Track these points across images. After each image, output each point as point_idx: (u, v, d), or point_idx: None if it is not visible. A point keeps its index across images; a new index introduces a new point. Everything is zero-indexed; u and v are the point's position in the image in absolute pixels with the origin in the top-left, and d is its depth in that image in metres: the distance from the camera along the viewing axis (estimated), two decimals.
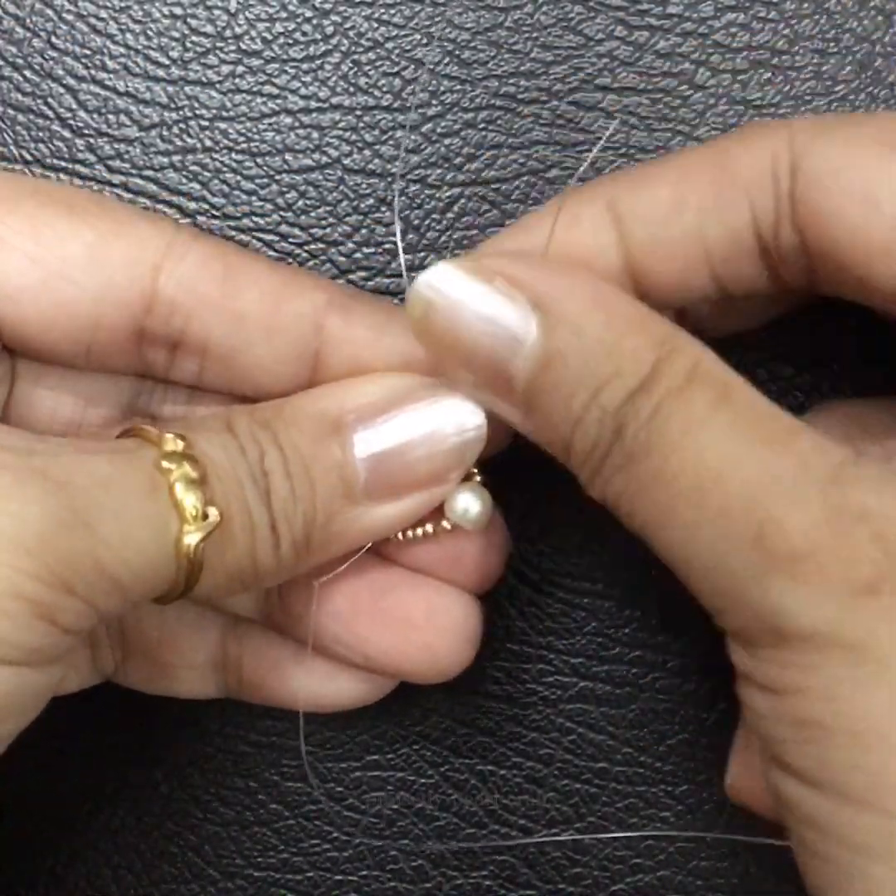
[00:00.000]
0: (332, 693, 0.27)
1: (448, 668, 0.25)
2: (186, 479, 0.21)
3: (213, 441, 0.22)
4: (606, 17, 0.28)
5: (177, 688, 0.28)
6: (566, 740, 0.29)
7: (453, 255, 0.28)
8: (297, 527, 0.23)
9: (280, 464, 0.23)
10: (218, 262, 0.24)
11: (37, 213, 0.24)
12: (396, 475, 0.24)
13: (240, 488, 0.22)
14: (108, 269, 0.24)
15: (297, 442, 0.23)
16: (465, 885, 0.30)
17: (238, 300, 0.24)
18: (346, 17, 0.28)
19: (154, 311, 0.24)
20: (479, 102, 0.28)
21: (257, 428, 0.23)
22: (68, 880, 0.30)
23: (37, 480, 0.20)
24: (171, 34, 0.28)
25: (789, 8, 0.28)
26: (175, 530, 0.21)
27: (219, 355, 0.25)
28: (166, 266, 0.24)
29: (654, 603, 0.29)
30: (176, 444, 0.22)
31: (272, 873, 0.30)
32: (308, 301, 0.24)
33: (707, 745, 0.29)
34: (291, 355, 0.24)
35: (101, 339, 0.24)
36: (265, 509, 0.23)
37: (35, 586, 0.19)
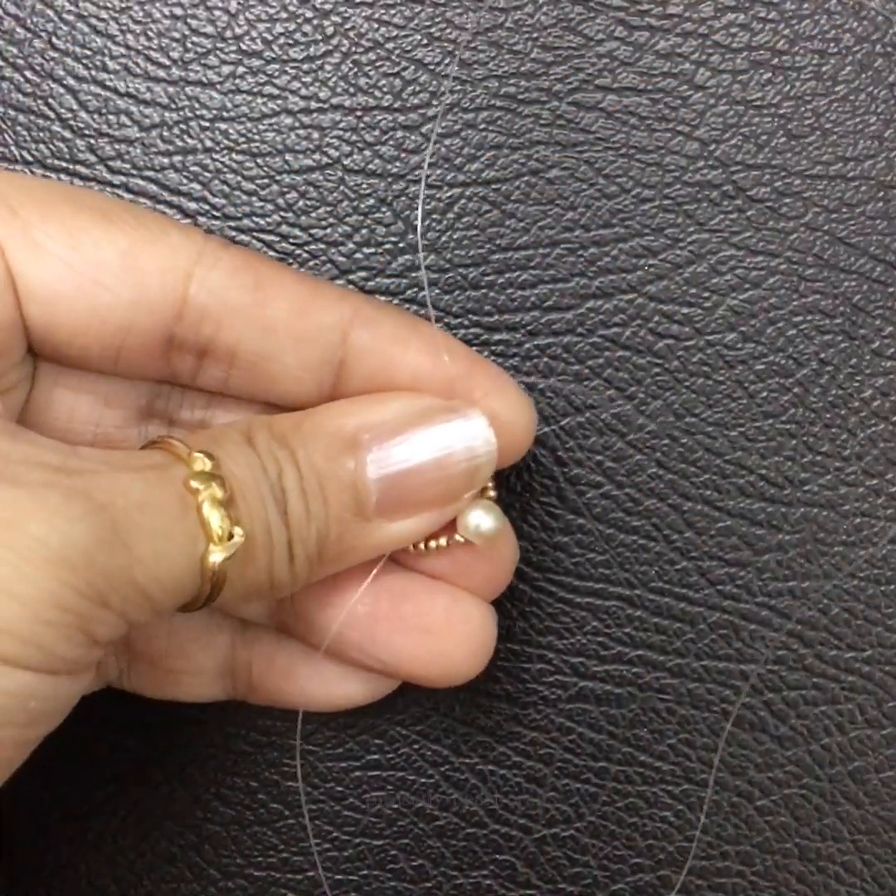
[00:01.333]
0: (341, 694, 0.27)
1: (463, 674, 0.26)
2: (214, 500, 0.22)
3: (238, 460, 0.23)
4: (606, 17, 0.28)
5: (184, 693, 0.28)
6: (566, 740, 0.29)
7: (453, 255, 0.28)
8: (311, 543, 0.24)
9: (296, 482, 0.23)
10: (248, 272, 0.25)
11: (72, 219, 0.24)
12: (409, 495, 0.24)
13: (262, 508, 0.23)
14: (141, 276, 0.24)
15: (313, 459, 0.24)
16: (465, 885, 0.30)
17: (268, 309, 0.24)
18: (347, 17, 0.28)
19: (185, 318, 0.24)
20: (480, 103, 0.28)
21: (276, 445, 0.24)
22: (68, 880, 0.30)
23: (82, 501, 0.20)
24: (171, 35, 0.28)
25: (789, 8, 0.28)
26: (202, 549, 0.22)
27: (246, 363, 0.25)
28: (198, 274, 0.24)
29: (654, 602, 0.29)
30: (205, 464, 0.22)
31: (272, 873, 0.30)
32: (335, 312, 0.25)
33: (707, 745, 0.29)
34: (317, 364, 0.25)
35: (130, 345, 0.24)
36: (284, 528, 0.23)
37: (77, 600, 0.20)
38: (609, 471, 0.29)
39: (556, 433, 0.29)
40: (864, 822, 0.29)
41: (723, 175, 0.28)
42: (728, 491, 0.29)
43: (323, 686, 0.27)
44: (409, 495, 0.24)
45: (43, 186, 0.25)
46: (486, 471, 0.25)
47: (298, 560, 0.23)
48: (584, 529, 0.29)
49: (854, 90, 0.28)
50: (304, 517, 0.23)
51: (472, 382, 0.25)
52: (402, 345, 0.25)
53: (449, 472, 0.24)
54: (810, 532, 0.29)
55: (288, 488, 0.23)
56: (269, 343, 0.25)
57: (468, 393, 0.25)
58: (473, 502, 0.25)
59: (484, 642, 0.26)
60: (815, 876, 0.29)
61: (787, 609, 0.29)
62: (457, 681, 0.26)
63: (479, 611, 0.26)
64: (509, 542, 0.26)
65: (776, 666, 0.29)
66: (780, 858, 0.29)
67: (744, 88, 0.28)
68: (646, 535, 0.29)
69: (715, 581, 0.29)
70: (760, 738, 0.29)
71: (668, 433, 0.29)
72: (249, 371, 0.25)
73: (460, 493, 0.25)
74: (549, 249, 0.28)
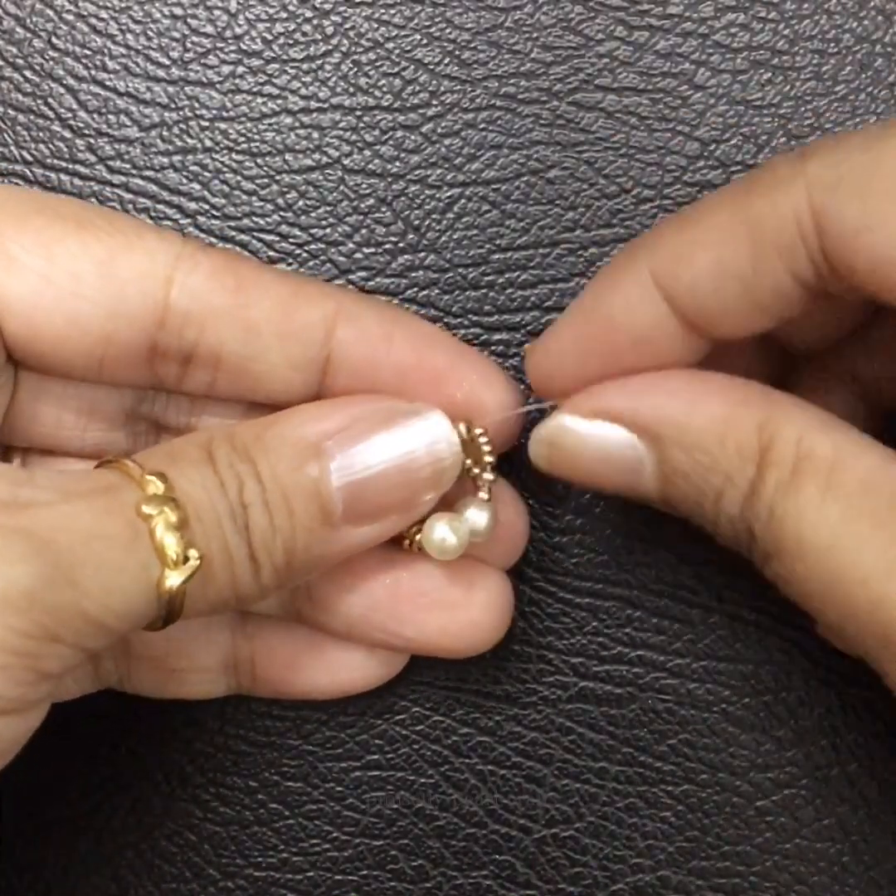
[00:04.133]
0: (346, 679, 0.28)
1: (487, 642, 0.26)
2: (167, 524, 0.21)
3: (193, 479, 0.23)
4: (606, 17, 0.28)
5: (188, 691, 0.28)
6: (566, 740, 0.29)
7: (453, 255, 0.28)
8: (278, 555, 0.23)
9: (259, 495, 0.23)
10: (228, 274, 0.24)
11: (47, 230, 0.24)
12: (374, 500, 0.24)
13: (220, 527, 0.23)
14: (119, 284, 0.24)
15: (276, 471, 0.23)
16: (465, 885, 0.30)
17: (251, 309, 0.24)
18: (347, 17, 0.28)
19: (167, 324, 0.24)
20: (480, 103, 0.28)
21: (237, 458, 0.23)
22: (68, 880, 0.30)
23: (24, 540, 0.20)
24: (171, 34, 0.28)
25: (789, 8, 0.28)
26: (156, 574, 0.21)
27: (232, 365, 0.25)
28: (177, 278, 0.24)
29: (654, 603, 0.29)
30: (157, 487, 0.22)
31: (272, 873, 0.30)
32: (319, 309, 0.25)
33: (707, 745, 0.29)
34: (303, 362, 0.25)
35: (113, 353, 0.24)
36: (244, 543, 0.23)
37: (23, 641, 0.20)
38: None
39: None
40: (863, 823, 0.29)
41: (723, 175, 0.28)
42: None
43: (327, 673, 0.28)
44: (374, 500, 0.24)
45: (16, 198, 0.25)
46: (450, 473, 0.25)
47: (265, 572, 0.23)
48: (584, 529, 0.29)
49: (854, 90, 0.28)
50: (268, 530, 0.23)
51: (459, 373, 0.25)
52: (387, 339, 0.25)
53: (413, 476, 0.24)
54: None
55: (249, 503, 0.23)
56: (253, 344, 0.25)
57: (456, 384, 0.25)
58: (469, 501, 0.25)
59: (505, 609, 0.26)
60: (815, 876, 0.29)
61: (786, 609, 0.29)
62: (481, 649, 0.26)
63: (497, 579, 0.26)
64: (519, 507, 0.27)
65: (776, 666, 0.29)
66: (780, 858, 0.29)
67: (744, 88, 0.28)
68: (646, 536, 0.29)
69: (715, 582, 0.29)
70: (760, 738, 0.29)
71: None
72: (235, 373, 0.25)
73: (425, 496, 0.25)
74: (549, 249, 0.28)
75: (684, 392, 0.23)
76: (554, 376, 0.24)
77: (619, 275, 0.24)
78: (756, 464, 0.22)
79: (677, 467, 0.22)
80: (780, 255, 0.22)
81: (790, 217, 0.21)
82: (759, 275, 0.22)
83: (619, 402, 0.23)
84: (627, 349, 0.23)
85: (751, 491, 0.22)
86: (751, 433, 0.22)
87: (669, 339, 0.23)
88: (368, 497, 0.24)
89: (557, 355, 0.24)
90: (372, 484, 0.24)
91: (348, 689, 0.28)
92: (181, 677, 0.27)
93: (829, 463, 0.21)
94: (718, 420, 0.22)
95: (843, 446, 0.21)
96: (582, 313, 0.24)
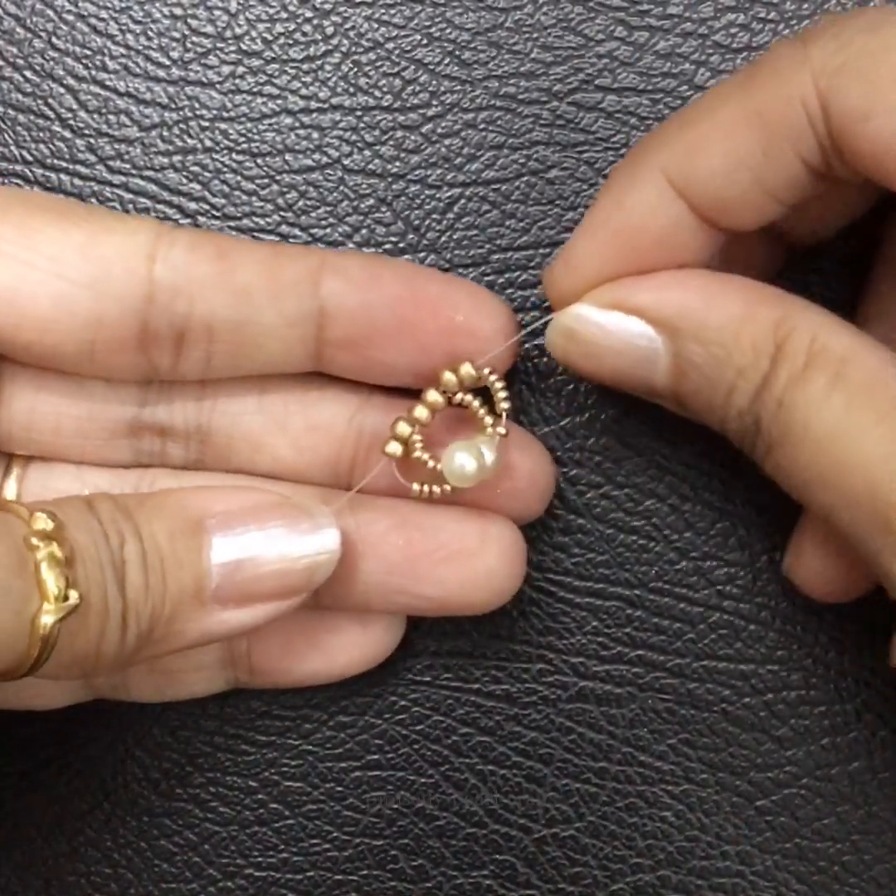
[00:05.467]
0: (343, 662, 0.28)
1: (507, 590, 0.26)
2: (52, 559, 0.21)
3: (79, 524, 0.22)
4: (606, 17, 0.28)
5: (186, 691, 0.28)
6: (566, 740, 0.29)
7: (453, 255, 0.28)
8: (145, 619, 0.23)
9: (138, 555, 0.23)
10: (208, 244, 0.25)
11: (26, 220, 0.24)
12: (247, 585, 0.24)
13: (101, 574, 0.22)
14: (102, 264, 0.24)
15: (156, 536, 0.23)
16: (465, 885, 0.30)
17: (236, 273, 0.25)
18: (347, 17, 0.28)
19: (156, 300, 0.24)
20: (480, 103, 0.28)
21: (120, 516, 0.23)
22: (68, 880, 0.30)
23: None
24: (171, 35, 0.28)
25: (789, 9, 0.28)
26: (34, 609, 0.21)
27: (226, 333, 0.25)
28: (159, 254, 0.24)
29: (654, 602, 0.29)
30: (46, 524, 0.22)
31: (272, 873, 0.30)
32: (303, 264, 0.25)
33: (707, 745, 0.29)
34: (297, 318, 0.25)
35: (104, 336, 0.24)
36: (121, 598, 0.22)
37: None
38: (609, 471, 0.29)
39: (556, 433, 0.29)
40: (864, 822, 0.29)
41: None
42: (728, 492, 0.29)
43: (325, 657, 0.28)
44: (247, 585, 0.24)
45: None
46: (325, 570, 0.25)
47: (130, 634, 0.23)
48: (584, 529, 0.29)
49: None
50: (142, 590, 0.23)
51: (453, 300, 0.25)
52: (377, 280, 0.25)
53: (289, 567, 0.24)
54: None
55: (129, 559, 0.23)
56: (244, 307, 0.25)
57: (452, 310, 0.25)
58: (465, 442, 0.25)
59: (519, 556, 0.26)
60: (815, 876, 0.29)
61: (786, 609, 0.29)
62: (500, 601, 0.26)
63: (509, 529, 0.26)
64: (542, 455, 0.27)
65: (776, 666, 0.29)
66: (780, 858, 0.29)
67: None
68: (646, 535, 0.29)
69: (715, 581, 0.29)
70: (760, 738, 0.29)
71: (667, 434, 0.29)
72: (230, 343, 0.25)
73: (298, 590, 0.25)
74: (549, 249, 0.28)
75: (705, 289, 0.23)
76: (574, 288, 0.24)
77: (631, 178, 0.24)
78: (770, 357, 0.22)
79: (692, 360, 0.23)
80: (790, 141, 0.22)
81: (797, 103, 0.22)
82: (770, 162, 0.22)
83: (639, 295, 0.24)
84: (647, 251, 0.24)
85: (762, 384, 0.22)
86: (767, 330, 0.22)
87: (687, 236, 0.24)
88: (242, 580, 0.24)
89: (577, 266, 0.24)
90: (248, 568, 0.24)
91: (348, 669, 0.28)
92: (179, 678, 0.27)
93: (840, 358, 0.22)
94: (737, 316, 0.23)
95: (854, 345, 0.22)
96: (598, 220, 0.24)
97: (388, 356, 0.25)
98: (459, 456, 0.25)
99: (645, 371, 0.24)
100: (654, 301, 0.23)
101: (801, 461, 0.22)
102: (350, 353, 0.25)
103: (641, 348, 0.24)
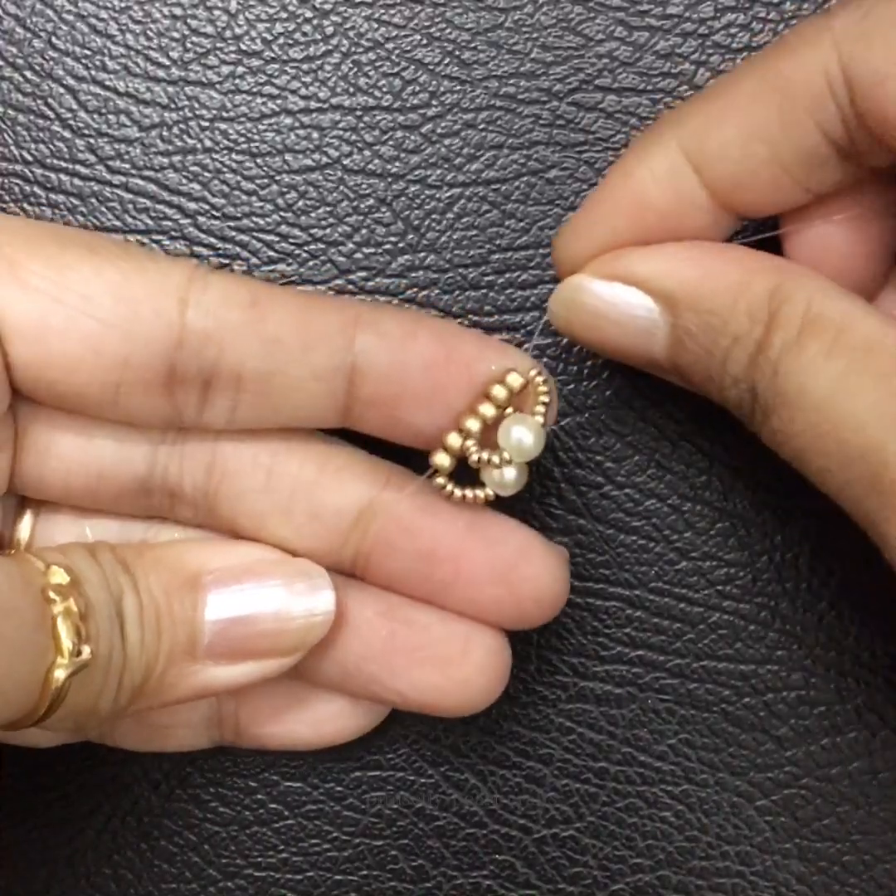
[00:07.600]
0: (330, 731, 0.28)
1: (481, 702, 0.26)
2: (69, 613, 0.21)
3: (91, 578, 0.22)
4: (606, 17, 0.28)
5: (171, 745, 0.28)
6: (565, 740, 0.29)
7: (453, 255, 0.28)
8: (139, 674, 0.23)
9: (136, 608, 0.23)
10: (242, 290, 0.24)
11: (59, 256, 0.23)
12: (240, 642, 0.24)
13: (109, 629, 0.22)
14: (133, 305, 0.23)
15: (152, 590, 0.23)
16: (465, 885, 0.30)
17: (268, 322, 0.24)
18: (346, 17, 0.28)
19: (185, 345, 0.24)
20: (479, 103, 0.28)
21: (118, 569, 0.23)
22: (68, 880, 0.30)
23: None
24: (171, 35, 0.28)
25: (789, 9, 0.28)
26: (49, 662, 0.21)
27: (254, 383, 0.24)
28: (192, 298, 0.24)
29: (654, 603, 0.29)
30: (63, 577, 0.22)
31: (272, 873, 0.30)
32: (337, 316, 0.24)
33: (707, 746, 0.29)
34: (327, 371, 0.24)
35: (130, 378, 0.24)
36: (122, 654, 0.22)
37: None
38: (609, 471, 0.29)
39: (556, 433, 0.29)
40: (863, 822, 0.29)
41: None
42: (728, 492, 0.29)
43: (312, 726, 0.27)
44: (240, 642, 0.24)
45: (27, 225, 0.25)
46: (320, 631, 0.25)
47: (124, 689, 0.23)
48: (584, 529, 0.29)
49: None
50: (137, 645, 0.23)
51: (488, 359, 0.25)
52: (411, 338, 0.24)
53: (283, 627, 0.24)
54: (810, 533, 0.29)
55: (127, 613, 0.23)
56: (275, 356, 0.24)
57: (485, 368, 0.24)
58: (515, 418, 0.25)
59: (500, 671, 0.26)
60: (815, 876, 0.29)
61: (786, 609, 0.29)
62: (474, 709, 0.26)
63: (495, 639, 0.26)
64: (536, 569, 0.26)
65: (776, 666, 0.29)
66: (780, 858, 0.29)
67: None
68: (646, 536, 0.29)
69: (715, 581, 0.29)
70: (760, 738, 0.29)
71: (668, 434, 0.29)
72: (257, 393, 0.24)
73: (291, 651, 0.24)
74: (549, 249, 0.28)
75: (702, 259, 0.23)
76: (580, 257, 0.24)
77: (646, 149, 0.24)
78: (765, 325, 0.22)
79: (689, 330, 0.23)
80: (809, 111, 0.22)
81: (818, 71, 0.22)
82: (788, 134, 0.22)
83: (638, 266, 0.24)
84: (656, 225, 0.24)
85: (757, 351, 0.22)
86: (762, 298, 0.22)
87: (698, 213, 0.24)
88: (235, 637, 0.24)
89: (583, 235, 0.24)
90: (241, 626, 0.24)
91: (336, 739, 0.28)
92: (165, 732, 0.27)
93: (836, 325, 0.22)
94: (733, 285, 0.23)
95: (849, 312, 0.22)
96: (610, 191, 0.24)
97: (418, 418, 0.25)
98: (516, 430, 0.24)
99: (644, 342, 0.24)
100: (651, 272, 0.24)
101: (798, 426, 0.22)
102: (379, 412, 0.25)
103: (640, 319, 0.24)
